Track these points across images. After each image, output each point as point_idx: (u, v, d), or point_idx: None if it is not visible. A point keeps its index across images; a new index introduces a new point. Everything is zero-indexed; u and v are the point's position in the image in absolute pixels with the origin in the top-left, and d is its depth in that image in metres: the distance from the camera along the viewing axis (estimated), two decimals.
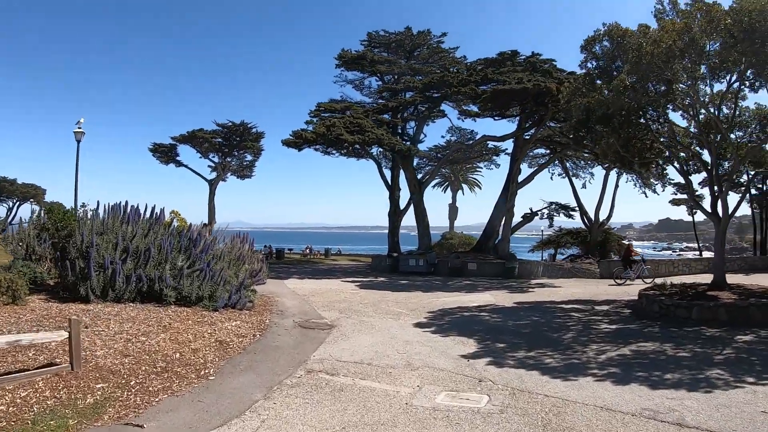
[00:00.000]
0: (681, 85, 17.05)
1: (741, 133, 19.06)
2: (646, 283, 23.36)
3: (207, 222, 54.28)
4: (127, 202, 15.90)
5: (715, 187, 17.99)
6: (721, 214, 17.71)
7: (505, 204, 37.08)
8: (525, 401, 7.81)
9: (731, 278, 18.84)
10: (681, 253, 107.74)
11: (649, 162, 20.70)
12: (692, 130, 19.75)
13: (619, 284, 24.86)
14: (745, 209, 49.30)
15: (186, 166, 55.57)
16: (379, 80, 41.92)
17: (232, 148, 55.30)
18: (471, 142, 40.84)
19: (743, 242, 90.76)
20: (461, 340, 12.14)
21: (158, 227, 16.02)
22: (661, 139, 19.22)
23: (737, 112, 17.98)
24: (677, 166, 20.44)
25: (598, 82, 18.58)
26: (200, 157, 55.63)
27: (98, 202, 15.92)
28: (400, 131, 38.04)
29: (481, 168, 59.42)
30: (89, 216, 15.99)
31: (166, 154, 54.37)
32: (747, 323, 14.05)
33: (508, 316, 16.08)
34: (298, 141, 31.81)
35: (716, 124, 17.54)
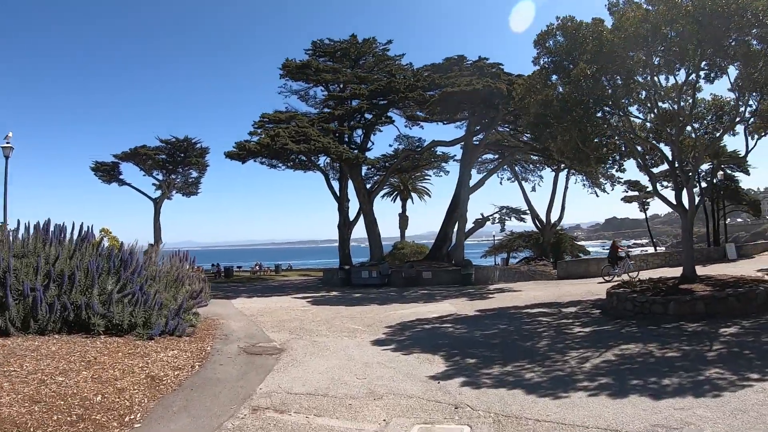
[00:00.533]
0: (639, 78, 16.26)
1: (697, 125, 18.48)
2: (632, 278, 23.51)
3: (153, 242, 52.64)
4: (49, 220, 14.19)
5: (679, 179, 17.31)
6: (687, 206, 17.00)
7: (457, 210, 36.14)
8: (515, 430, 6.52)
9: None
10: (629, 249, 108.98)
11: (606, 157, 19.93)
12: (648, 124, 19.17)
13: (607, 281, 24.01)
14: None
15: (129, 185, 53.06)
16: (325, 90, 40.43)
17: (176, 165, 53.07)
18: (420, 149, 39.62)
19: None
20: (427, 358, 10.84)
21: (86, 247, 14.33)
22: (619, 134, 18.45)
23: (695, 104, 17.26)
24: (638, 160, 19.78)
25: (554, 77, 17.78)
26: (144, 175, 53.38)
27: (18, 221, 14.15)
28: (347, 140, 36.65)
29: (430, 176, 58.61)
30: (8, 237, 14.17)
31: (108, 172, 51.84)
32: (727, 314, 13.44)
33: (474, 326, 14.89)
34: (241, 153, 30.19)
35: (675, 117, 16.83)
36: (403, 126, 53.27)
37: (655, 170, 25.89)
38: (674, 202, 17.72)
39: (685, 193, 17.52)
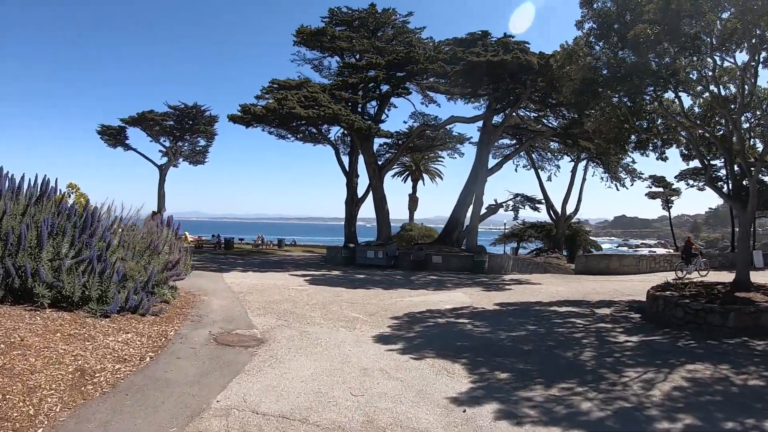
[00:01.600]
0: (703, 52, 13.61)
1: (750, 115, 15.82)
2: (702, 276, 22.11)
3: (157, 210, 50.30)
4: (1, 169, 11.67)
5: (736, 170, 14.68)
6: (749, 202, 14.24)
7: (471, 193, 33.50)
8: None
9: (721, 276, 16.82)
10: (637, 249, 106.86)
11: (647, 142, 17.22)
12: (696, 109, 16.50)
13: (680, 278, 21.43)
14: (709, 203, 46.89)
15: (135, 150, 50.99)
16: (340, 60, 37.36)
17: (184, 132, 51.01)
18: (436, 124, 36.52)
19: (698, 240, 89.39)
20: (444, 367, 8.29)
21: (45, 204, 11.84)
22: (666, 116, 15.80)
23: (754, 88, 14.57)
24: (683, 148, 17.12)
25: (598, 47, 15.12)
26: (151, 141, 51.26)
27: None
28: (360, 110, 33.78)
29: (443, 158, 55.90)
30: None
31: (114, 136, 49.70)
32: None
33: (496, 324, 12.28)
34: (246, 116, 27.49)
35: (731, 102, 14.23)
36: (419, 103, 50.49)
37: (688, 164, 23.40)
38: (727, 196, 15.15)
39: (743, 186, 14.95)
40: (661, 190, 48.03)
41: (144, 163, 51.77)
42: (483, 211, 35.41)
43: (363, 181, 37.57)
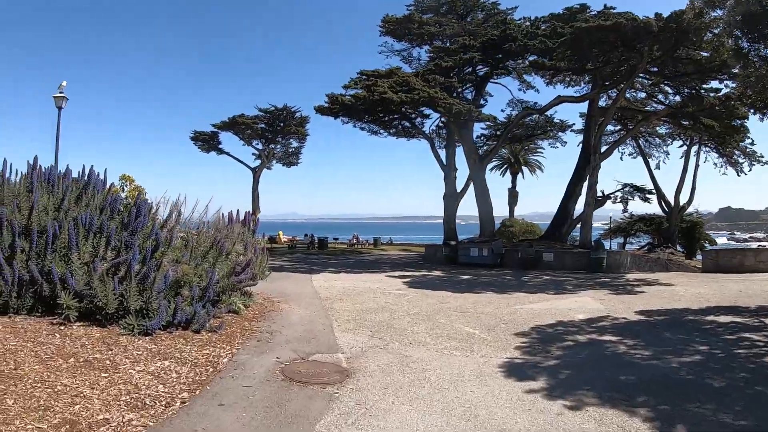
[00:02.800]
0: None
1: None
2: None
3: (251, 211, 49.04)
4: (36, 159, 9.52)
5: None
6: None
7: (582, 182, 29.74)
8: None
9: None
10: (747, 243, 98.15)
11: None
12: None
13: None
14: None
15: (228, 154, 49.83)
16: (430, 49, 34.17)
17: (275, 134, 49.38)
18: (541, 106, 32.41)
19: None
20: (620, 424, 5.14)
21: (93, 196, 9.59)
22: None
23: None
24: None
25: None
26: (243, 145, 49.99)
27: (4, 160, 9.49)
28: (455, 96, 30.55)
29: (543, 149, 51.84)
30: None
31: (207, 142, 48.92)
32: None
33: (653, 343, 8.83)
34: (333, 107, 25.06)
35: None
36: (516, 89, 46.88)
37: None
38: None
39: None
40: None
41: (238, 166, 50.86)
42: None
43: (462, 174, 34.57)
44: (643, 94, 34.08)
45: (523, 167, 56.14)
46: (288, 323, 9.59)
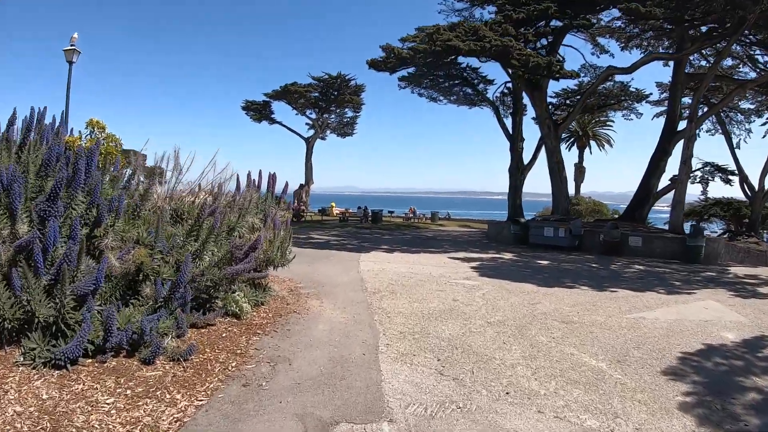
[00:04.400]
0: None
1: None
2: None
3: (304, 183, 46.19)
4: None
5: None
6: None
7: (664, 158, 25.36)
8: None
9: None
10: None
11: None
12: None
13: None
14: None
15: (280, 123, 47.22)
16: (494, 8, 29.70)
17: (329, 103, 46.17)
18: (627, 67, 27.44)
19: None
20: None
21: (34, 146, 6.34)
22: None
23: None
24: None
25: None
26: (296, 114, 47.25)
27: None
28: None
29: (614, 121, 47.01)
30: None
31: (259, 111, 46.38)
32: None
33: None
34: (388, 61, 21.28)
35: None
36: (589, 54, 42.01)
37: None
38: None
39: None
40: None
41: (291, 137, 48.00)
42: (665, 183, 27.29)
43: (528, 146, 30.55)
44: (728, 62, 29.12)
45: (591, 141, 51.28)
46: (309, 340, 6.12)
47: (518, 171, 30.52)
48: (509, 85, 32.66)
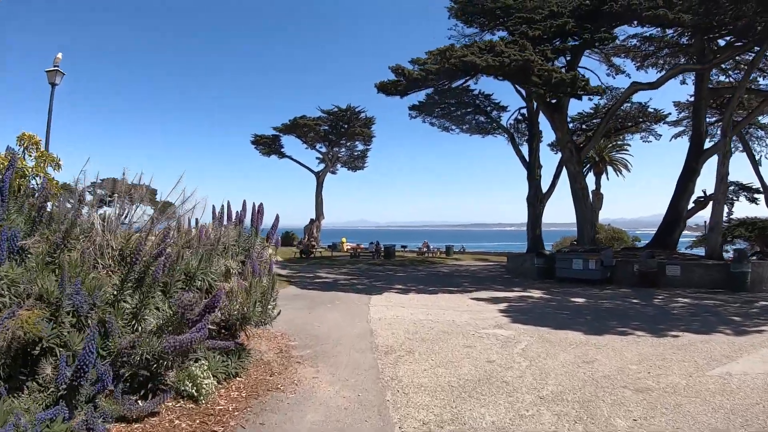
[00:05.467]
0: None
1: None
2: None
3: (314, 218, 44.33)
4: None
5: None
6: None
7: (694, 178, 23.51)
8: None
9: None
10: None
11: None
12: None
13: None
14: None
15: (290, 158, 45.56)
16: (506, 33, 27.87)
17: (339, 137, 44.54)
18: (652, 82, 25.15)
19: None
20: None
21: None
22: None
23: None
24: None
25: None
26: (306, 148, 45.65)
27: None
28: None
29: (630, 145, 45.15)
30: None
31: (268, 145, 44.80)
32: None
33: None
34: (399, 83, 19.49)
35: None
36: (604, 75, 40.39)
37: None
38: None
39: None
40: None
41: (301, 171, 46.40)
42: (690, 205, 25.25)
43: (545, 173, 28.71)
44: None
45: (608, 166, 48.99)
46: None
47: (537, 200, 28.55)
48: (523, 111, 31.11)
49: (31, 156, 5.91)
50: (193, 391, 4.70)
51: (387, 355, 7.06)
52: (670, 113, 32.37)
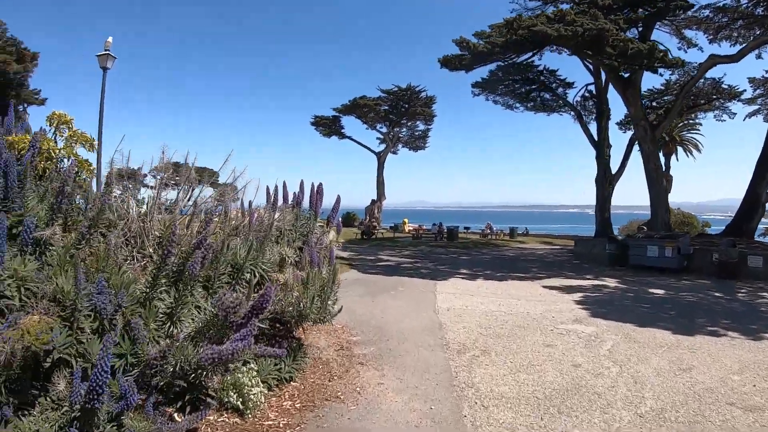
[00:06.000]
0: None
1: None
2: None
3: (376, 198, 43.64)
4: None
5: None
6: None
7: None
8: None
9: None
10: None
11: None
12: None
13: None
14: None
15: (350, 138, 44.87)
16: (570, 2, 26.08)
17: (400, 116, 43.56)
18: (732, 54, 22.83)
19: None
20: None
21: None
22: None
23: None
24: None
25: None
26: (367, 129, 44.68)
27: None
28: None
29: (701, 124, 42.56)
30: None
31: (328, 126, 44.37)
32: None
33: None
34: (463, 58, 18.38)
35: None
36: (675, 49, 37.92)
37: None
38: None
39: None
40: None
41: (362, 152, 45.77)
42: None
43: (615, 152, 27.05)
44: None
45: (678, 147, 46.18)
46: None
47: (606, 181, 27.00)
48: (591, 87, 29.62)
49: (62, 136, 5.35)
50: (239, 403, 4.04)
51: (460, 355, 6.26)
52: (744, 90, 29.99)
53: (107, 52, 14.53)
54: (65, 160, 4.94)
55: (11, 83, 28.00)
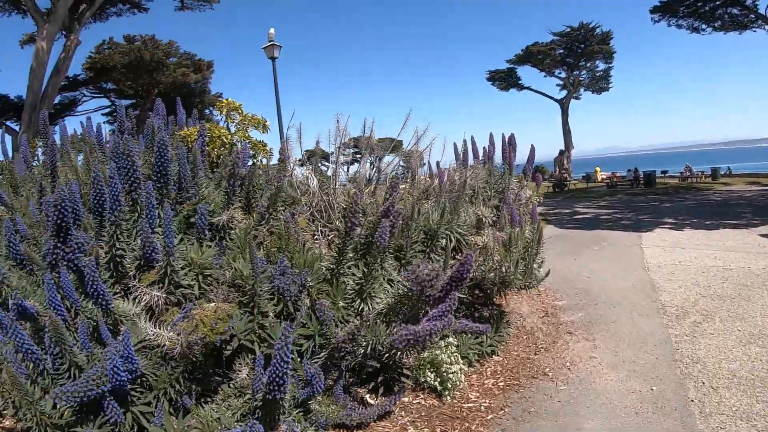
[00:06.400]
0: None
1: None
2: None
3: (564, 149, 41.51)
4: None
5: None
6: None
7: None
8: None
9: None
10: None
11: None
12: None
13: None
14: None
15: (529, 89, 42.74)
16: None
17: (577, 58, 40.52)
18: None
19: None
20: None
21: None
22: None
23: None
24: None
25: None
26: (545, 76, 42.09)
27: None
28: None
29: None
30: None
31: (504, 79, 42.82)
32: None
33: None
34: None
35: None
36: None
37: None
38: None
39: None
40: None
41: (543, 102, 43.81)
42: None
43: None
44: None
45: None
46: None
47: None
48: None
49: (233, 122, 5.38)
50: (437, 383, 3.70)
51: (679, 321, 5.39)
52: None
53: (272, 42, 15.26)
54: (239, 144, 4.95)
55: (194, 92, 30.86)
